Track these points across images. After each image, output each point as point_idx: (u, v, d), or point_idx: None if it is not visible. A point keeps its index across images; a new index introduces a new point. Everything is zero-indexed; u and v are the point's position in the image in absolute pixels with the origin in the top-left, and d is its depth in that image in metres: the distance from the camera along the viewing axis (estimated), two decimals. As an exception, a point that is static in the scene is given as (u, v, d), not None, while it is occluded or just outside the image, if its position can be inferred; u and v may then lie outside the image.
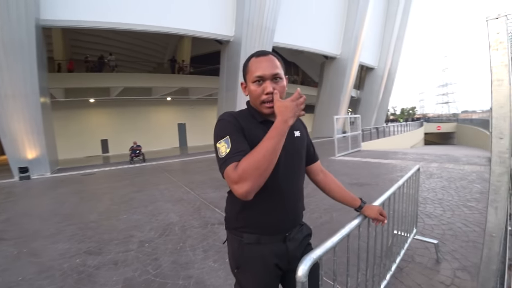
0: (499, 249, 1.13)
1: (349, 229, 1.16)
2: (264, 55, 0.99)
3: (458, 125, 32.39)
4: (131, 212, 4.45)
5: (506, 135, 1.07)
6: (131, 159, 11.80)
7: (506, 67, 1.06)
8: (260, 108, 1.00)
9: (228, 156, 0.87)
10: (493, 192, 1.11)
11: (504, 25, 1.07)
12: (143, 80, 15.82)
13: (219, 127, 0.96)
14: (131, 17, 9.96)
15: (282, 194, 1.00)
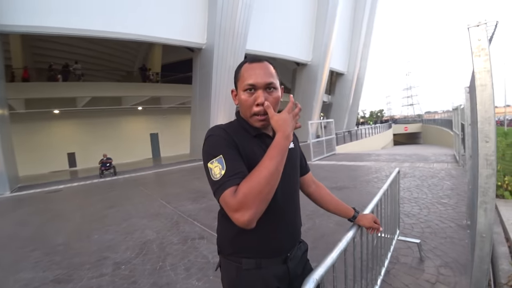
0: (490, 249, 1.15)
1: (346, 242, 1.13)
2: (258, 62, 0.92)
3: (423, 126, 34.47)
4: (104, 231, 4.16)
5: (492, 138, 1.09)
6: (101, 173, 11.18)
7: (489, 72, 1.09)
8: (251, 120, 0.91)
9: (224, 179, 0.76)
10: (482, 194, 1.13)
11: (485, 32, 1.10)
12: (112, 89, 15.18)
13: (209, 145, 0.85)
14: (98, 24, 9.51)
15: (283, 212, 0.94)
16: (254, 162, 0.82)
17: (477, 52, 1.12)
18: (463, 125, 6.34)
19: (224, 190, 0.75)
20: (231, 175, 0.77)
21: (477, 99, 1.12)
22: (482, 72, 1.11)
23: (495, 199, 1.12)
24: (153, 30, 11.06)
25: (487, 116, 1.10)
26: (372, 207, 1.59)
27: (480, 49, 1.11)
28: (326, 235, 3.29)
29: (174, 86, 17.16)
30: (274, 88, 0.91)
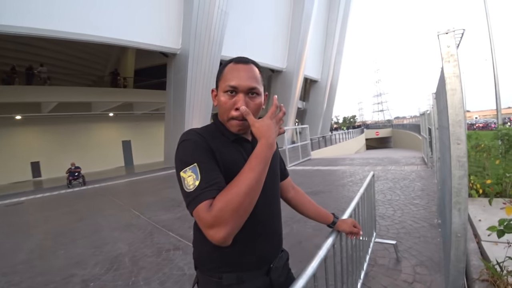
0: (465, 248, 1.18)
1: (326, 249, 1.11)
2: (244, 63, 0.86)
3: (393, 130, 36.19)
4: (71, 246, 3.88)
5: (463, 141, 1.14)
6: (69, 183, 10.56)
7: (458, 77, 1.14)
8: (228, 125, 0.85)
9: (198, 191, 0.69)
10: (455, 195, 1.17)
11: (453, 39, 1.15)
12: (81, 95, 14.44)
13: (183, 151, 0.77)
14: (65, 25, 9.00)
15: (264, 222, 0.89)
16: (233, 170, 0.77)
17: (446, 58, 1.16)
18: (430, 129, 6.70)
19: (198, 204, 0.68)
20: (206, 186, 0.70)
21: (447, 103, 1.16)
22: (452, 77, 1.15)
23: (467, 199, 1.15)
24: (125, 33, 10.70)
25: (458, 120, 1.14)
26: (350, 212, 1.60)
27: (450, 55, 1.16)
28: (303, 241, 3.29)
29: (148, 91, 16.69)
30: (257, 93, 0.86)
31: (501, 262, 1.87)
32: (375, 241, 2.66)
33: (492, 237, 2.57)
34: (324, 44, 25.60)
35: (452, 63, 1.15)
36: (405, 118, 48.92)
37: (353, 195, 5.07)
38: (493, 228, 1.45)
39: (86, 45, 14.05)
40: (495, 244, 2.47)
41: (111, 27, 10.23)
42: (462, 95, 1.14)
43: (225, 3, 12.57)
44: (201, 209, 0.67)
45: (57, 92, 13.61)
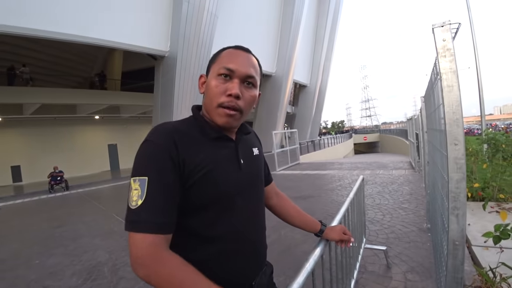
0: (463, 256, 1.10)
1: (313, 261, 1.00)
2: (245, 51, 0.77)
3: (380, 135, 36.80)
4: (47, 255, 3.64)
5: (461, 141, 1.06)
6: (51, 188, 10.15)
7: (455, 73, 1.07)
8: (214, 113, 0.73)
9: (137, 216, 0.60)
10: (453, 200, 1.09)
11: (449, 33, 1.08)
12: (66, 96, 14.03)
13: (140, 154, 0.66)
14: (49, 24, 8.69)
15: (246, 236, 0.77)
16: (212, 173, 0.68)
17: (442, 52, 1.09)
18: (417, 134, 6.76)
19: (133, 231, 0.59)
20: (149, 215, 0.60)
21: (444, 100, 1.09)
22: (448, 72, 1.08)
23: (466, 204, 1.08)
24: (113, 35, 10.44)
25: (455, 118, 1.07)
26: (340, 218, 1.50)
27: (446, 50, 1.09)
28: (292, 246, 3.18)
29: (135, 94, 16.37)
30: (253, 85, 0.76)
31: (494, 268, 1.82)
32: (365, 247, 2.58)
33: (482, 242, 2.54)
34: (313, 50, 25.88)
35: (448, 57, 1.08)
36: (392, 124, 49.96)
37: (342, 200, 5.05)
38: (489, 234, 1.39)
39: (72, 46, 13.68)
40: (486, 249, 2.43)
41: (98, 28, 9.96)
42: (460, 92, 1.07)
43: (215, 7, 12.51)
44: (137, 240, 0.59)
45: (40, 93, 13.16)
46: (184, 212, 0.67)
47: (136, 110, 17.66)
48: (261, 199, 0.86)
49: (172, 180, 0.64)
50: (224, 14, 13.70)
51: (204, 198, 0.68)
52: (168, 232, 0.62)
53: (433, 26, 1.12)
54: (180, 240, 0.68)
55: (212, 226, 0.70)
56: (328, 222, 1.23)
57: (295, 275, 0.88)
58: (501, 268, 1.82)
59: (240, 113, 0.74)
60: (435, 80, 1.77)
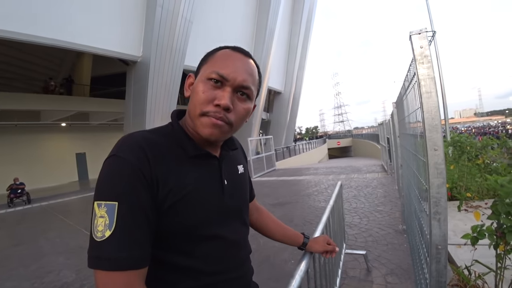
0: (446, 260, 1.11)
1: (300, 277, 0.95)
2: (244, 54, 0.68)
3: (353, 140, 38.11)
4: (4, 278, 3.30)
5: (440, 146, 1.07)
6: (10, 201, 9.35)
7: (433, 79, 1.09)
8: (197, 122, 0.62)
9: (105, 250, 0.49)
10: (434, 205, 1.10)
11: (426, 40, 1.10)
12: (28, 102, 13.03)
13: (107, 172, 0.54)
14: (11, 24, 8.07)
15: (231, 262, 0.69)
16: (190, 197, 0.59)
17: (420, 59, 1.11)
18: (388, 138, 7.03)
19: (99, 268, 0.49)
20: (120, 249, 0.50)
21: (423, 107, 1.10)
22: (426, 79, 1.10)
23: (447, 208, 1.09)
24: (81, 37, 9.91)
25: (434, 124, 1.08)
26: (322, 227, 1.47)
27: (423, 56, 1.10)
28: (271, 256, 3.13)
29: (105, 100, 15.64)
30: (248, 97, 0.66)
31: (469, 266, 1.88)
32: (345, 252, 2.59)
33: (455, 241, 2.64)
34: (287, 57, 26.40)
35: (426, 64, 1.10)
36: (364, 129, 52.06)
37: (319, 205, 5.10)
38: (467, 236, 1.43)
39: (36, 48, 12.85)
40: (459, 246, 2.53)
41: (66, 30, 9.39)
42: (438, 98, 1.09)
43: (189, 12, 12.37)
44: (105, 280, 0.49)
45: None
46: (157, 241, 0.58)
47: (106, 117, 16.88)
48: (245, 224, 0.78)
49: (147, 204, 0.54)
50: (198, 21, 13.59)
51: (180, 226, 0.59)
52: (143, 267, 0.53)
53: (410, 33, 1.13)
54: (154, 272, 0.59)
55: (190, 256, 0.61)
56: (307, 228, 1.20)
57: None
58: (475, 266, 1.88)
59: (229, 126, 0.63)
60: (409, 86, 1.83)
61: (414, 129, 1.85)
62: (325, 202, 5.27)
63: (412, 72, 1.63)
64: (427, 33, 1.11)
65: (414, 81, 1.51)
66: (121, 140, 0.59)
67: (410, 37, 1.14)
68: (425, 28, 1.11)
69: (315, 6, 30.26)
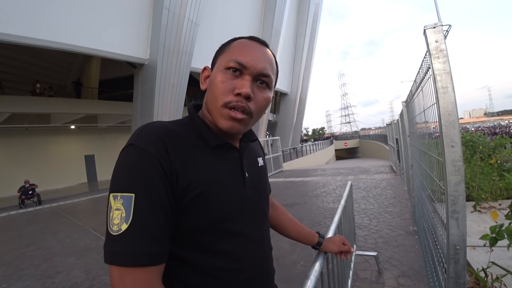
0: (465, 261, 1.07)
1: (315, 278, 0.93)
2: (260, 43, 0.65)
3: (360, 141, 37.74)
4: (15, 277, 3.34)
5: (457, 143, 1.04)
6: (22, 202, 9.53)
7: (449, 74, 1.06)
8: (217, 114, 0.60)
9: (121, 245, 0.47)
10: (452, 203, 1.06)
11: (442, 34, 1.07)
12: (39, 105, 13.28)
13: (124, 163, 0.52)
14: (22, 29, 8.23)
15: (253, 259, 0.65)
16: (211, 191, 0.57)
17: (435, 53, 1.08)
18: (397, 139, 6.93)
19: (118, 265, 0.47)
20: (137, 244, 0.48)
21: (439, 102, 1.07)
22: (442, 74, 1.06)
23: (465, 207, 1.05)
24: (90, 41, 10.06)
25: (451, 120, 1.05)
26: (334, 227, 1.44)
27: (439, 51, 1.07)
28: (281, 257, 3.10)
29: (113, 103, 15.82)
30: (268, 85, 0.63)
31: (486, 268, 1.82)
32: (355, 253, 2.55)
33: (469, 241, 2.57)
34: (293, 58, 26.33)
35: (442, 58, 1.07)
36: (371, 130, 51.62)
37: (328, 206, 5.05)
38: (486, 237, 1.38)
39: (46, 52, 13.11)
40: (473, 248, 2.47)
41: (75, 34, 9.55)
42: (454, 93, 1.05)
43: (195, 15, 12.45)
44: (121, 275, 0.47)
45: (10, 101, 12.38)
46: (176, 238, 0.56)
47: (114, 119, 17.08)
48: (267, 218, 0.75)
49: (166, 197, 0.52)
50: (204, 23, 13.67)
51: (201, 220, 0.56)
52: (161, 262, 0.51)
53: (425, 27, 1.10)
54: (172, 270, 0.56)
55: (211, 255, 0.58)
56: (316, 229, 1.16)
57: None
58: (492, 268, 1.83)
59: (250, 117, 0.61)
60: (422, 83, 1.79)
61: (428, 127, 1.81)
62: (334, 203, 5.22)
63: (424, 68, 1.60)
64: (442, 27, 1.08)
65: (427, 77, 1.48)
66: (139, 129, 0.56)
67: (425, 31, 1.11)
68: (440, 21, 1.09)
69: (321, 6, 30.16)
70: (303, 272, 2.67)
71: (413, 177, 3.40)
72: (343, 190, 6.49)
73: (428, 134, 1.80)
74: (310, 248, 1.08)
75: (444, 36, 1.11)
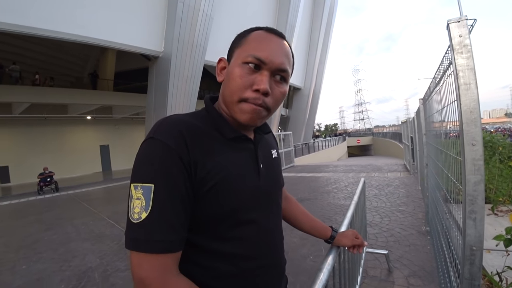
0: (481, 263, 1.04)
1: (327, 271, 0.93)
2: (278, 36, 0.65)
3: (374, 138, 37.09)
4: (34, 260, 3.49)
5: (479, 141, 1.01)
6: (40, 189, 9.89)
7: (472, 70, 1.02)
8: (235, 108, 0.61)
9: (141, 232, 0.50)
10: (470, 203, 1.04)
11: (466, 28, 1.04)
12: (57, 96, 13.68)
13: (145, 154, 0.55)
14: (40, 22, 8.45)
15: (266, 247, 0.67)
16: (227, 181, 0.58)
17: (459, 48, 1.04)
18: (412, 137, 6.78)
19: (137, 251, 0.50)
20: (156, 231, 0.50)
21: (460, 99, 1.04)
22: (465, 70, 1.03)
23: (484, 207, 1.02)
24: (106, 33, 10.23)
25: (473, 118, 1.02)
26: (347, 222, 1.44)
27: (462, 46, 1.04)
28: (290, 250, 3.10)
29: (128, 95, 16.12)
30: (285, 80, 0.64)
31: (501, 272, 1.78)
32: (366, 251, 2.53)
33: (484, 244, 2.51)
34: (307, 52, 25.98)
35: (465, 54, 1.03)
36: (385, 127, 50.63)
37: (338, 202, 5.01)
38: (500, 237, 1.34)
39: (63, 44, 13.42)
40: (488, 251, 2.40)
41: (91, 26, 9.75)
42: (477, 90, 1.02)
43: (210, 8, 12.43)
44: (139, 260, 0.50)
45: (30, 92, 12.81)
46: (192, 226, 0.58)
47: (129, 111, 17.42)
48: (280, 208, 0.77)
49: (184, 188, 0.54)
50: (218, 16, 13.64)
51: (217, 210, 0.58)
52: (178, 250, 0.54)
53: (448, 21, 1.07)
54: (189, 257, 0.59)
55: (227, 242, 0.60)
56: (337, 229, 1.15)
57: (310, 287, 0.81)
58: (507, 273, 1.78)
59: (267, 111, 0.62)
60: (442, 79, 1.73)
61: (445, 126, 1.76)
62: (345, 200, 5.18)
63: (445, 64, 1.55)
64: (467, 21, 1.04)
65: (448, 73, 1.43)
66: (158, 123, 0.58)
67: (448, 25, 1.07)
68: (465, 15, 1.05)
69: (337, 0, 29.51)
70: (312, 266, 2.67)
71: (427, 176, 3.33)
72: (355, 187, 6.43)
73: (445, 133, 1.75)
74: (320, 243, 1.08)
75: (469, 30, 1.07)
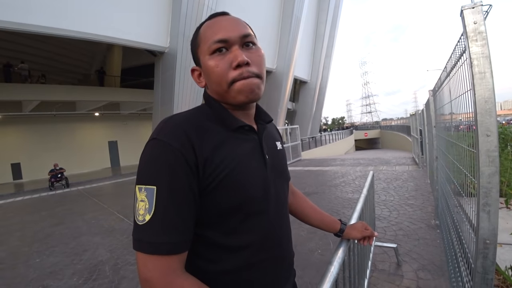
0: (495, 256, 1.02)
1: (338, 264, 0.92)
2: (221, 15, 0.65)
3: (381, 131, 36.65)
4: (47, 253, 3.58)
5: (493, 132, 0.98)
6: (51, 185, 10.10)
7: (487, 58, 0.98)
8: (231, 94, 0.61)
9: (145, 234, 0.51)
10: (484, 196, 1.01)
11: (481, 15, 0.99)
12: (65, 93, 13.85)
13: (148, 156, 0.55)
14: (47, 19, 8.52)
15: (275, 239, 0.67)
16: (234, 174, 0.58)
17: (473, 36, 1.00)
18: (421, 130, 6.66)
19: (142, 252, 0.51)
20: (159, 234, 0.51)
21: (475, 88, 1.00)
22: (479, 58, 0.99)
23: (498, 200, 0.99)
24: (112, 30, 10.28)
25: (488, 108, 0.98)
26: (357, 215, 1.42)
27: (477, 33, 1.00)
28: (298, 244, 3.11)
29: (135, 91, 16.21)
30: (253, 43, 0.64)
31: (514, 267, 1.74)
32: (375, 244, 2.52)
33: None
34: (313, 46, 25.68)
35: (480, 41, 0.99)
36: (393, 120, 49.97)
37: (346, 196, 4.98)
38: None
39: (70, 42, 13.54)
40: (500, 246, 2.36)
41: (96, 23, 9.80)
42: (493, 79, 0.98)
43: (214, 2, 12.34)
44: (145, 261, 0.51)
45: (39, 90, 13.01)
46: (200, 220, 0.58)
47: (136, 106, 17.54)
48: (287, 200, 0.76)
49: (188, 188, 0.54)
50: (223, 9, 13.52)
51: (225, 204, 0.58)
52: (183, 251, 0.54)
53: (462, 8, 1.03)
54: (198, 250, 0.59)
55: (235, 235, 0.60)
56: (346, 222, 1.14)
57: (320, 281, 0.80)
58: (521, 267, 1.74)
59: (258, 78, 0.62)
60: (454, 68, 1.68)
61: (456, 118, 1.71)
62: (353, 193, 5.14)
63: (458, 53, 1.50)
64: (482, 7, 1.00)
65: (461, 62, 1.38)
66: (162, 123, 0.58)
67: (462, 12, 1.03)
68: (480, 1, 1.00)
69: (344, -8, 28.96)
70: (320, 260, 2.67)
71: (437, 169, 3.27)
72: (362, 180, 6.38)
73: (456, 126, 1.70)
74: (327, 237, 1.07)
75: (484, 17, 1.03)
